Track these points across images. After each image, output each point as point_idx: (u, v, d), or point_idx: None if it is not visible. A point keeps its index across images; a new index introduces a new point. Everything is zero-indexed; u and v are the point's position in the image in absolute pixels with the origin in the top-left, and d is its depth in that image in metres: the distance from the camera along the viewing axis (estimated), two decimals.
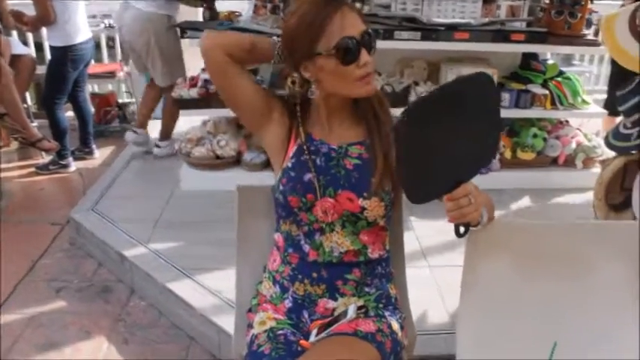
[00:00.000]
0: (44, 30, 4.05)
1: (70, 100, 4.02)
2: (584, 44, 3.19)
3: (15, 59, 3.74)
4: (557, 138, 3.40)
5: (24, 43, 4.52)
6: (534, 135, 3.33)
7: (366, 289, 1.39)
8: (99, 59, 5.10)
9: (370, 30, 1.27)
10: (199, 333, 2.25)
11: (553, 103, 3.28)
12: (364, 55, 1.24)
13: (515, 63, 3.58)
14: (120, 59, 4.80)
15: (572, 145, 3.38)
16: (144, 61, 3.67)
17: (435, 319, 2.20)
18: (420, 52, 3.30)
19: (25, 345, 2.27)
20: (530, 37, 3.11)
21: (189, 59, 4.09)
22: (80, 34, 3.74)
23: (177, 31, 3.47)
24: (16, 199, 3.55)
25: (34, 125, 4.14)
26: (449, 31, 3.06)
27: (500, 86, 3.30)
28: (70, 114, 4.17)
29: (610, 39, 2.32)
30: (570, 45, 3.17)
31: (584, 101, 3.34)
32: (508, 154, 3.31)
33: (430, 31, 3.05)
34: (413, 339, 1.53)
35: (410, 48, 3.11)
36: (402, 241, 1.59)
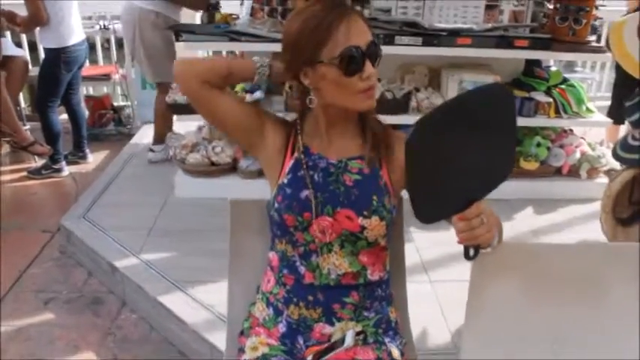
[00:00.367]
0: (38, 30, 3.96)
1: (64, 103, 3.94)
2: (589, 51, 3.11)
3: (7, 60, 3.67)
4: (561, 147, 3.32)
5: (18, 43, 4.44)
6: (538, 144, 3.26)
7: (365, 313, 1.31)
8: (94, 61, 5.02)
9: (376, 40, 1.19)
10: (191, 350, 2.17)
11: (557, 111, 3.20)
12: (368, 67, 1.17)
13: (518, 69, 3.50)
14: (115, 61, 4.72)
15: (577, 155, 3.31)
16: (133, 55, 3.66)
17: (436, 338, 2.12)
18: (421, 58, 3.22)
19: None
20: (534, 43, 3.03)
21: None
22: (74, 35, 3.66)
23: (167, 32, 3.43)
24: (7, 204, 3.46)
25: (26, 128, 4.08)
26: (451, 37, 2.98)
27: None
28: (64, 117, 4.09)
29: (618, 46, 2.25)
30: (575, 52, 3.10)
31: (588, 109, 3.27)
32: None
33: (432, 37, 2.98)
34: None
35: (411, 53, 3.03)
36: (403, 260, 1.52)
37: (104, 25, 4.65)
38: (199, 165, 3.17)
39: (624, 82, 3.71)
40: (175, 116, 3.54)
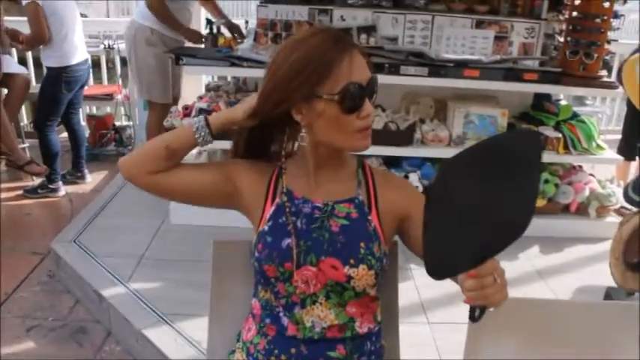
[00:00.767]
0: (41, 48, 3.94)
1: (64, 123, 3.91)
2: (600, 86, 3.03)
3: (8, 78, 3.62)
4: (570, 184, 3.22)
5: (22, 60, 4.42)
6: (546, 180, 3.16)
7: None
8: (98, 80, 4.99)
9: (376, 78, 1.12)
10: None
11: (566, 146, 3.11)
12: (367, 106, 1.09)
13: (526, 102, 3.42)
14: (119, 81, 4.69)
15: (586, 193, 3.20)
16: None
17: None
18: (427, 89, 3.14)
19: None
20: (544, 76, 2.96)
21: (190, 87, 3.99)
22: (76, 54, 3.63)
23: (161, 49, 3.43)
24: (1, 224, 3.39)
25: (26, 146, 4.03)
26: (458, 68, 2.91)
27: (511, 127, 3.13)
28: (64, 135, 4.04)
29: (630, 82, 2.19)
30: (585, 86, 3.01)
31: (598, 146, 3.17)
32: None
33: (438, 67, 2.90)
34: None
35: (416, 84, 2.96)
36: (396, 310, 1.41)
37: (109, 45, 4.62)
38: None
39: (635, 118, 3.63)
40: None
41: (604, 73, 3.08)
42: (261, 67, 2.85)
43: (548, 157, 3.13)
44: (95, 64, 4.66)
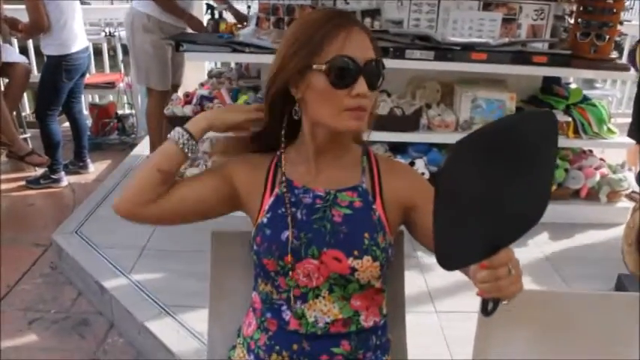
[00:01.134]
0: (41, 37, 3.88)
1: (65, 112, 3.86)
2: (612, 69, 2.94)
3: (8, 67, 3.58)
4: (580, 169, 3.14)
5: (23, 49, 4.37)
6: (555, 165, 3.08)
7: None
8: (100, 68, 4.94)
9: (381, 62, 1.06)
10: None
11: (576, 131, 3.03)
12: (361, 85, 1.03)
13: (535, 86, 3.34)
14: (121, 69, 4.64)
15: (596, 178, 3.13)
16: None
17: None
18: (433, 73, 3.07)
19: None
20: (553, 59, 2.87)
21: (192, 74, 3.93)
22: (76, 42, 3.57)
23: (159, 36, 3.39)
24: (3, 215, 3.35)
25: (27, 136, 4.00)
26: (465, 51, 2.83)
27: (519, 111, 3.06)
28: (66, 125, 3.99)
29: None
30: (597, 69, 2.92)
31: (609, 130, 3.09)
32: None
33: (445, 51, 2.82)
34: None
35: (422, 68, 2.88)
36: (403, 302, 1.36)
37: (110, 32, 4.56)
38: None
39: None
40: None
41: (616, 55, 2.99)
42: (263, 53, 2.79)
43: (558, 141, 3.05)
44: (97, 52, 4.61)
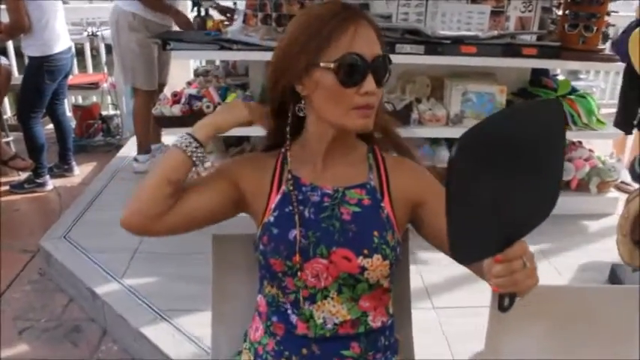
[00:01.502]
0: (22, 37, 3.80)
1: (49, 114, 3.78)
2: (600, 60, 2.95)
3: None
4: (570, 160, 3.16)
5: (3, 50, 4.28)
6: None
7: None
8: (83, 69, 4.85)
9: (388, 57, 1.03)
10: None
11: (566, 122, 3.03)
12: (369, 82, 1.01)
13: (524, 78, 3.33)
14: (104, 69, 4.56)
15: (586, 169, 3.14)
16: None
17: None
18: (423, 67, 3.05)
19: None
20: (543, 51, 2.87)
21: (178, 73, 3.87)
22: (59, 43, 3.49)
23: (145, 34, 3.33)
24: None
25: (10, 139, 3.91)
26: (455, 45, 2.81)
27: (509, 104, 3.05)
28: (50, 127, 3.91)
29: (637, 54, 2.11)
30: (586, 60, 2.93)
31: (599, 121, 3.10)
32: None
33: (435, 45, 2.81)
34: None
35: (412, 62, 2.86)
36: (409, 301, 1.35)
37: (93, 32, 4.48)
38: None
39: (634, 90, 3.56)
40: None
41: (604, 46, 3.00)
42: (252, 50, 2.75)
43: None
44: (79, 52, 4.52)
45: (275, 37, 2.80)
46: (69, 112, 4.34)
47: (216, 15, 3.42)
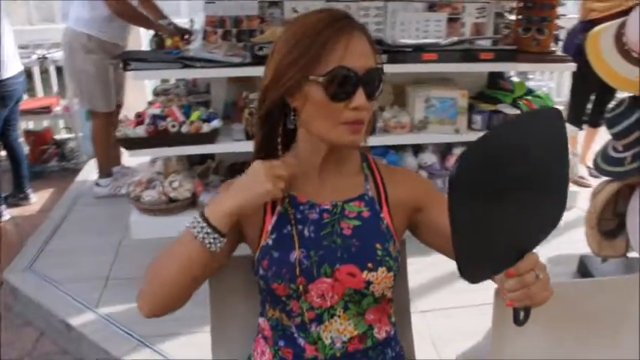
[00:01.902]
0: None
1: (1, 141, 3.62)
2: (553, 61, 3.07)
3: None
4: None
5: None
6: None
7: None
8: (32, 93, 4.68)
9: (381, 69, 1.01)
10: None
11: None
12: (360, 97, 0.97)
13: (481, 82, 3.43)
14: (57, 92, 4.42)
15: None
16: None
17: None
18: (386, 76, 3.07)
19: None
20: (500, 55, 2.97)
21: (132, 93, 3.79)
22: (9, 67, 3.35)
23: (101, 56, 3.25)
24: None
25: None
26: (417, 53, 2.88)
27: (470, 108, 3.13)
28: (3, 154, 3.76)
29: (595, 54, 2.19)
30: (540, 62, 3.05)
31: None
32: None
33: (397, 53, 2.86)
34: None
35: None
36: (409, 309, 1.35)
37: (43, 55, 4.33)
38: (156, 203, 2.92)
39: (581, 88, 3.72)
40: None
41: (556, 47, 3.13)
42: (215, 67, 2.73)
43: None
44: (27, 75, 4.36)
45: (238, 53, 2.79)
46: (21, 138, 4.17)
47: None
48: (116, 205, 3.34)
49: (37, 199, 3.82)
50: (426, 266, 1.66)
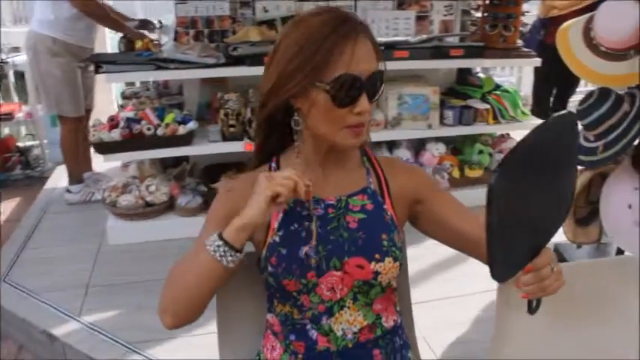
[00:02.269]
0: None
1: None
2: (520, 56, 3.17)
3: None
4: (502, 152, 3.35)
5: None
6: (480, 151, 3.27)
7: None
8: None
9: (382, 72, 1.03)
10: None
11: (495, 117, 3.23)
12: (363, 102, 0.99)
13: (450, 79, 3.51)
14: (19, 98, 4.29)
15: None
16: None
17: None
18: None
19: None
20: (469, 51, 3.04)
21: (98, 96, 3.72)
22: None
23: (68, 59, 3.17)
24: None
25: None
26: (389, 50, 2.91)
27: (441, 103, 3.20)
28: None
29: (564, 49, 2.27)
30: (507, 57, 3.14)
31: (523, 113, 3.32)
32: (456, 173, 3.21)
33: None
34: None
35: None
36: (409, 297, 1.39)
37: (1, 60, 4.20)
38: (133, 207, 2.88)
39: (544, 82, 3.86)
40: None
41: (521, 43, 3.23)
42: (189, 68, 2.71)
43: (479, 128, 3.23)
44: None
45: (211, 54, 2.77)
46: None
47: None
48: (89, 212, 3.27)
49: (3, 208, 3.70)
50: (410, 259, 1.69)
